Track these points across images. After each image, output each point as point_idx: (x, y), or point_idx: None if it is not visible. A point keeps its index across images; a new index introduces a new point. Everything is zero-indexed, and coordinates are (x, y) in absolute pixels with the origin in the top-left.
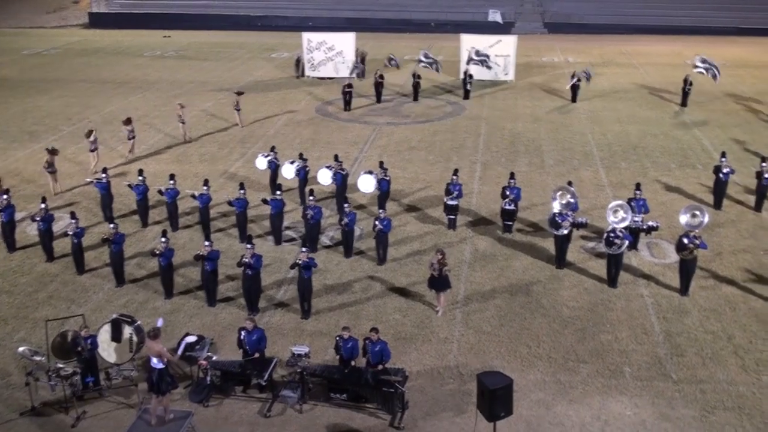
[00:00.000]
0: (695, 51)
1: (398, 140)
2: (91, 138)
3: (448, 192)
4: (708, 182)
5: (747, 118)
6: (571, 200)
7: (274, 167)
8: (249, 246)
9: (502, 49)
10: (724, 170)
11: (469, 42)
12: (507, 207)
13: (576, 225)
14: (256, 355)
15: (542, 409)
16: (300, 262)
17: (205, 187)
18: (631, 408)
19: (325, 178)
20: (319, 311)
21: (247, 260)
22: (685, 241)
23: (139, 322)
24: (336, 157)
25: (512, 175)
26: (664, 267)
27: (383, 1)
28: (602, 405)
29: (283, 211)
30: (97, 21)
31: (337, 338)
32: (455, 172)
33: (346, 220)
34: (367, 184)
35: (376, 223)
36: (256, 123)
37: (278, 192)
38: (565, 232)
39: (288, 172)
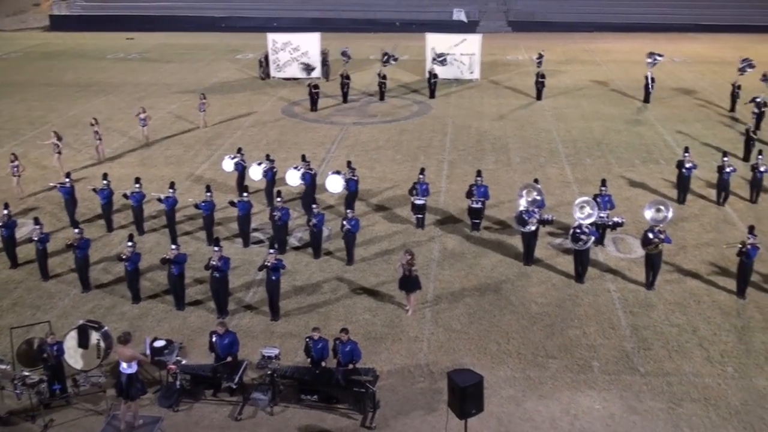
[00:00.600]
0: (656, 48)
1: (365, 140)
2: (55, 141)
3: (413, 191)
4: (671, 177)
5: (708, 114)
6: (538, 197)
7: (241, 169)
8: (216, 249)
9: (467, 47)
10: (687, 165)
11: (434, 41)
12: (474, 205)
13: (542, 222)
14: (229, 358)
15: (513, 405)
16: (268, 263)
17: (171, 190)
18: (599, 402)
19: (293, 178)
20: (289, 312)
21: (214, 263)
22: (650, 235)
23: (106, 328)
24: (303, 158)
25: (479, 173)
26: (629, 262)
27: (348, 1)
28: (571, 399)
29: (251, 212)
30: (59, 23)
31: (307, 339)
32: (422, 171)
33: (314, 220)
34: (335, 184)
35: (344, 223)
36: (222, 124)
37: (245, 194)
38: (533, 228)
39: (255, 173)
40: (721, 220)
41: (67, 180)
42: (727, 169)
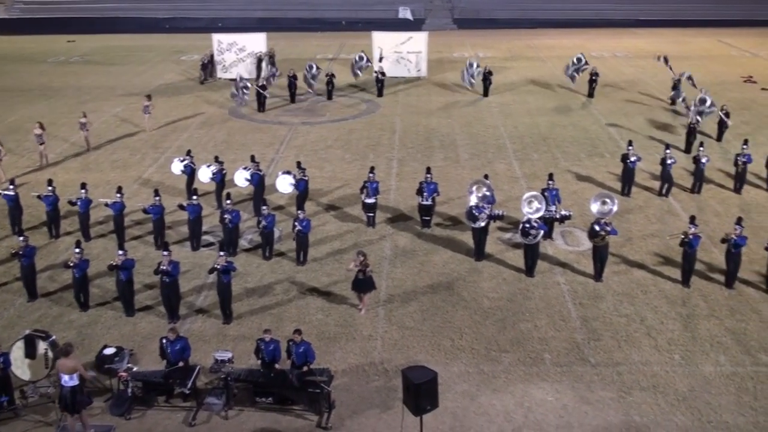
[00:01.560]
0: (598, 43)
1: (314, 139)
2: None
3: (363, 190)
4: (616, 170)
5: (650, 107)
6: (487, 193)
7: (190, 171)
8: (165, 253)
9: (414, 45)
10: (632, 158)
11: (381, 40)
12: (424, 202)
13: (493, 217)
14: (180, 364)
15: (467, 400)
16: (218, 266)
17: (118, 195)
18: (552, 393)
19: (241, 179)
20: (241, 315)
21: (164, 268)
22: (597, 228)
23: (54, 337)
24: (252, 158)
25: (428, 170)
26: (578, 254)
27: (294, 1)
28: (525, 392)
29: (201, 215)
30: None
31: (258, 341)
32: (371, 169)
33: (264, 222)
34: (285, 184)
35: (296, 224)
36: (169, 127)
37: (194, 197)
38: (483, 224)
39: (204, 175)
40: (665, 212)
41: (11, 187)
42: (669, 161)
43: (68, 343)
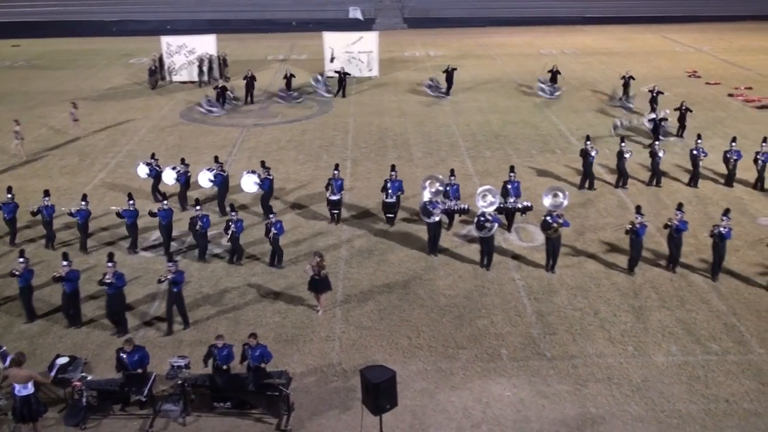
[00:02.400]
0: (547, 41)
1: (267, 141)
2: None
3: (329, 187)
4: (570, 164)
5: (598, 103)
6: (440, 188)
7: (155, 174)
8: (110, 264)
9: (365, 45)
10: (592, 153)
11: (331, 40)
12: (388, 200)
13: (458, 211)
14: (139, 370)
15: (426, 397)
16: (165, 277)
17: (83, 203)
18: (509, 388)
19: (204, 180)
20: (197, 321)
21: (108, 280)
22: (549, 220)
23: (3, 348)
24: (216, 159)
25: (393, 168)
26: (531, 249)
27: (244, 2)
28: (483, 388)
29: (173, 220)
30: None
31: (211, 347)
32: (336, 167)
33: (233, 228)
34: (249, 183)
35: (269, 227)
36: (119, 131)
37: (165, 201)
38: (437, 219)
39: (168, 177)
40: (616, 205)
41: None
42: (626, 155)
43: (20, 353)
